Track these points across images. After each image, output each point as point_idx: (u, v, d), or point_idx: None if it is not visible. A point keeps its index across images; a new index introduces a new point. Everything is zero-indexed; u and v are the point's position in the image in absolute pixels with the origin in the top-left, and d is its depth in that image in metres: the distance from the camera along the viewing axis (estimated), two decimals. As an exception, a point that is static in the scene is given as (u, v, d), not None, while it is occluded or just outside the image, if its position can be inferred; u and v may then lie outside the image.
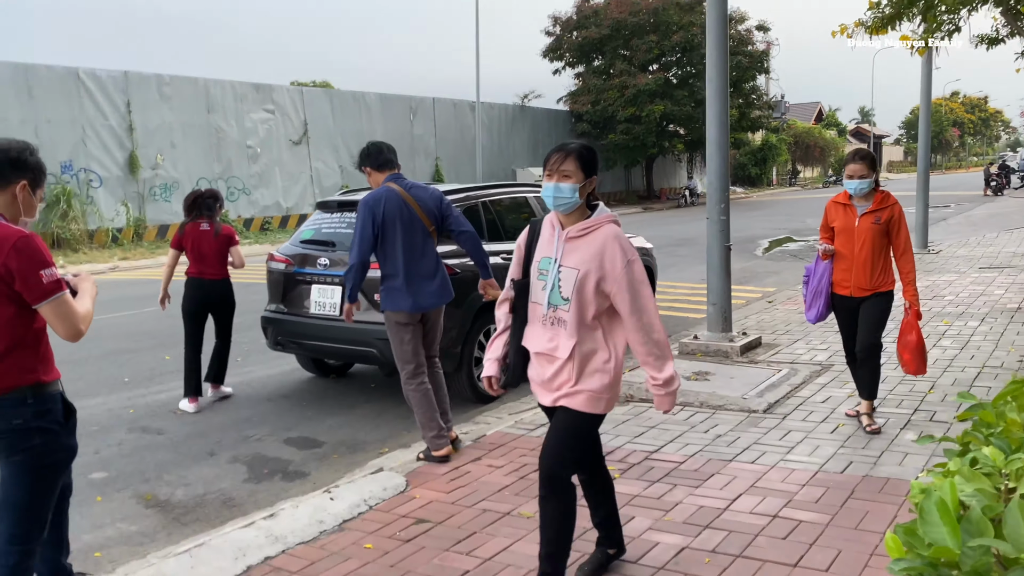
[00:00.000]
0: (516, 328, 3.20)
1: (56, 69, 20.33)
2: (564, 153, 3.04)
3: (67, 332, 2.80)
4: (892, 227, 4.88)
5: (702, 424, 5.23)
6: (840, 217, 5.00)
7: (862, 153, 4.96)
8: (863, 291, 4.93)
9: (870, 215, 4.88)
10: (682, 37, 34.45)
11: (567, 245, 3.04)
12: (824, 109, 71.51)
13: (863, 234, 4.88)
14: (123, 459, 5.51)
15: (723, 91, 6.97)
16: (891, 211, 4.89)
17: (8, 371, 2.77)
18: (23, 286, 2.73)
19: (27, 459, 2.81)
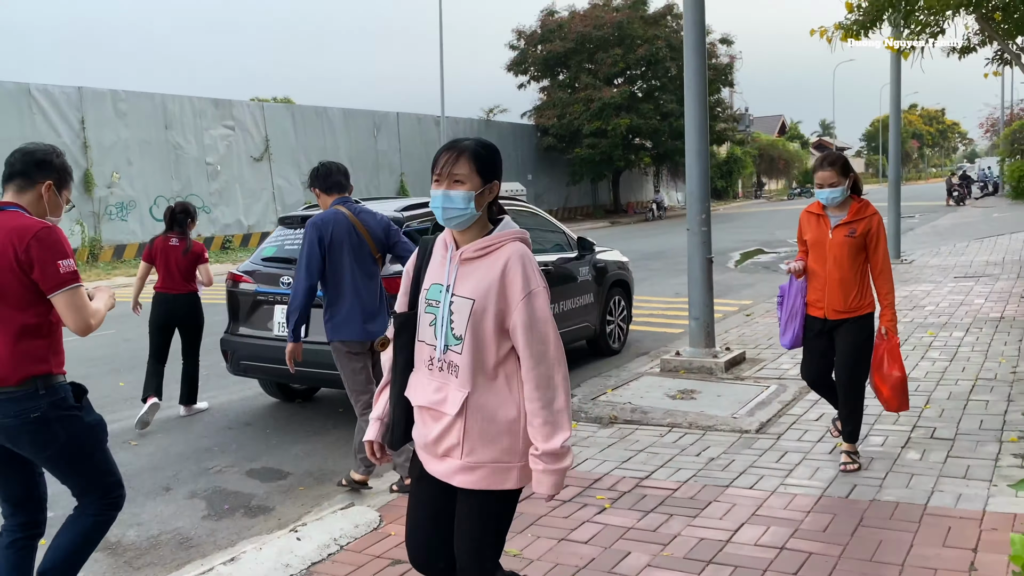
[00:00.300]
0: (397, 374, 2.48)
1: (6, 85, 19.69)
2: (455, 152, 2.35)
3: (77, 324, 2.86)
4: (869, 241, 4.31)
5: (693, 446, 4.95)
6: (812, 229, 4.46)
7: (830, 158, 4.39)
8: (838, 313, 4.37)
9: (844, 227, 4.32)
10: (647, 51, 34.56)
11: (461, 268, 2.34)
12: (787, 122, 72.44)
13: (836, 248, 4.32)
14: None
15: (702, 96, 6.76)
16: (868, 223, 4.31)
17: (21, 360, 2.81)
18: (40, 274, 2.80)
19: (58, 453, 2.91)
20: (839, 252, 4.32)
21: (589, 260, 7.99)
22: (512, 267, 2.27)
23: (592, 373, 7.69)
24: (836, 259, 4.32)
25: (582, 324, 7.84)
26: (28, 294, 2.83)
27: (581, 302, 7.79)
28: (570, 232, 8.08)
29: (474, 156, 2.35)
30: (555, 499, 4.18)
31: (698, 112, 6.78)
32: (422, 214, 6.32)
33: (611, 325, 8.42)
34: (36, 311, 2.86)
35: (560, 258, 7.59)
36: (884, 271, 4.34)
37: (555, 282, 7.33)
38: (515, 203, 7.60)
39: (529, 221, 7.57)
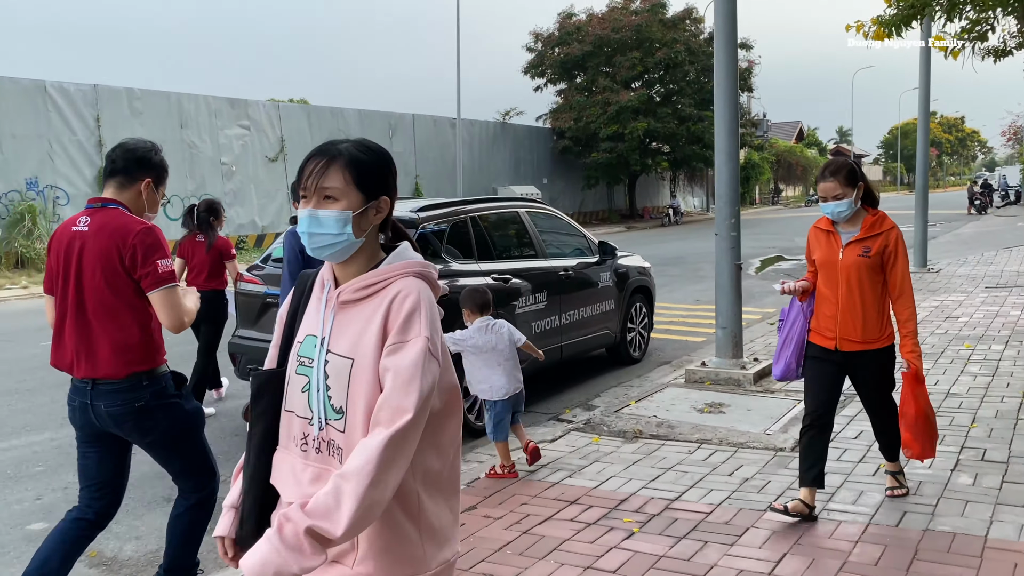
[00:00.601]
0: (252, 452, 1.83)
1: (22, 82, 19.57)
2: (324, 159, 1.75)
3: (172, 321, 2.97)
4: (887, 259, 3.72)
5: (724, 465, 4.64)
6: (821, 247, 3.86)
7: (833, 166, 3.77)
8: (853, 344, 3.77)
9: (857, 245, 3.74)
10: (665, 54, 34.21)
11: (339, 315, 1.72)
12: (805, 128, 71.87)
13: (849, 270, 3.73)
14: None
15: (733, 95, 6.46)
16: (885, 239, 3.71)
17: (126, 357, 2.95)
18: (141, 273, 2.92)
19: (160, 438, 3.05)
20: (852, 274, 3.74)
21: (610, 265, 7.70)
22: (396, 309, 1.64)
23: (612, 383, 7.40)
24: (849, 282, 3.75)
25: (602, 331, 7.55)
26: (131, 293, 2.96)
27: (601, 308, 7.50)
28: (591, 236, 7.80)
29: (351, 164, 1.74)
30: (579, 521, 3.90)
31: (729, 112, 6.48)
32: (440, 215, 6.06)
33: (632, 333, 8.13)
34: (139, 308, 2.98)
35: (580, 263, 7.31)
36: (904, 294, 3.73)
37: (575, 287, 7.05)
38: (533, 204, 7.32)
39: (547, 224, 7.30)
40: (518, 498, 4.29)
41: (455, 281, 5.80)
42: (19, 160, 19.14)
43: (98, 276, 2.93)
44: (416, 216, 5.85)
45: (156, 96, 22.36)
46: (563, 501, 4.19)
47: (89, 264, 2.94)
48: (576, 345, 7.11)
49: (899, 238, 3.79)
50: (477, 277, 5.99)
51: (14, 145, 19.10)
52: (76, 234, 2.99)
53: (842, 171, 3.74)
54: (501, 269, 6.25)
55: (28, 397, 7.29)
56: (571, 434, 5.41)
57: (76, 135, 20.44)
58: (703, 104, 35.62)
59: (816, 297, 3.90)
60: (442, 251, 5.89)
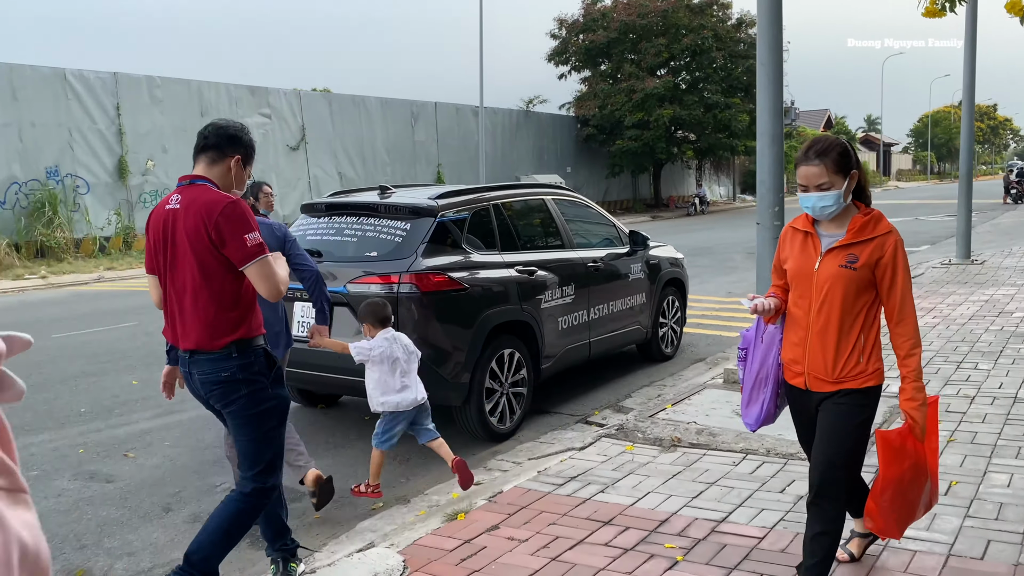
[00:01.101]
0: None
1: (42, 70, 19.39)
2: None
3: (269, 291, 3.03)
4: (881, 275, 2.78)
5: (774, 480, 4.19)
6: (795, 254, 2.93)
7: (819, 146, 2.86)
8: (822, 383, 2.86)
9: (840, 252, 2.81)
10: (692, 40, 33.50)
11: None
12: (832, 116, 70.60)
13: (825, 285, 2.81)
14: (59, 516, 4.49)
15: (776, 72, 5.96)
16: (879, 247, 2.79)
17: (220, 329, 3.02)
18: (231, 249, 2.97)
19: (239, 409, 3.09)
20: (830, 291, 2.80)
21: (641, 256, 7.25)
22: None
23: (644, 381, 6.96)
24: (825, 301, 2.82)
25: (633, 327, 7.11)
26: (221, 267, 3.01)
27: (632, 302, 7.05)
28: (621, 225, 7.34)
29: None
30: (615, 546, 3.47)
31: (772, 91, 5.98)
32: (461, 203, 5.63)
33: (664, 328, 7.67)
34: (231, 282, 3.04)
35: (609, 253, 6.86)
36: (905, 319, 2.79)
37: (604, 280, 6.60)
38: (560, 192, 6.88)
39: (575, 212, 6.85)
40: (546, 516, 3.87)
41: (477, 273, 5.38)
42: (39, 149, 18.97)
43: (188, 252, 3.02)
44: (435, 204, 5.43)
45: (176, 84, 22.12)
46: (596, 521, 3.76)
47: (181, 240, 3.03)
48: (605, 341, 6.67)
49: (898, 246, 2.81)
50: (500, 269, 5.57)
51: (34, 134, 18.93)
52: (170, 212, 3.07)
53: (830, 152, 2.81)
54: (526, 260, 5.82)
55: (31, 394, 6.98)
56: (602, 441, 4.98)
57: (96, 123, 20.24)
58: (730, 91, 34.87)
59: (786, 318, 2.98)
60: (462, 241, 5.47)
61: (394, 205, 5.47)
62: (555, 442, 5.21)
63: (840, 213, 2.85)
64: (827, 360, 2.83)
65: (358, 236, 5.45)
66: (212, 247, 2.98)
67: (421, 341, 5.03)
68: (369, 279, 5.12)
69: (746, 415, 3.15)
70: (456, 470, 4.30)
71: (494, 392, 5.50)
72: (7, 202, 18.45)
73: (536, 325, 5.78)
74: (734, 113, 33.85)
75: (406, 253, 5.19)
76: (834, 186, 2.80)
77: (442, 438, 4.48)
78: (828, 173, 2.79)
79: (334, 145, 26.12)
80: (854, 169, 2.84)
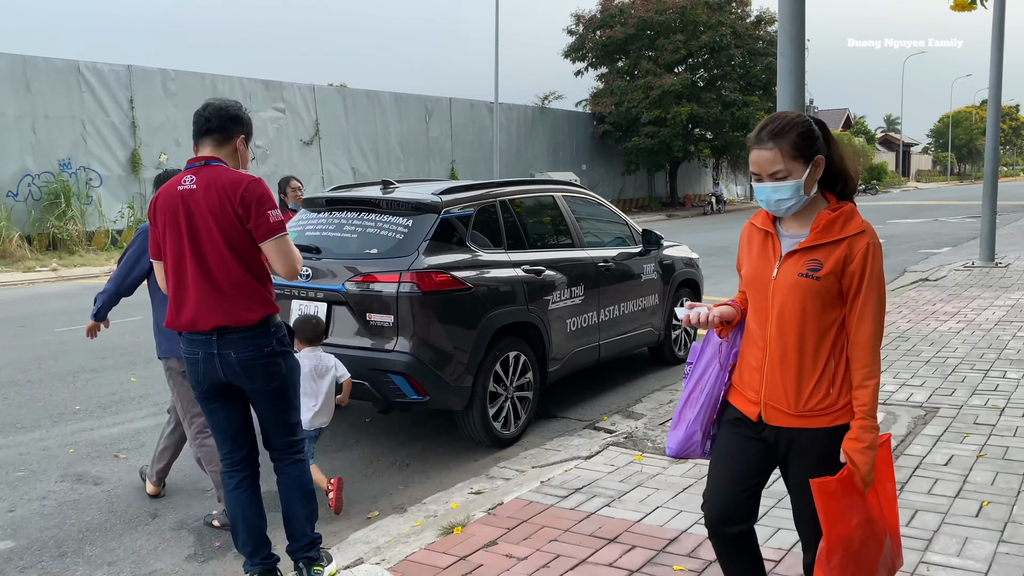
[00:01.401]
0: None
1: (55, 62, 19.33)
2: None
3: (287, 269, 3.10)
4: (848, 285, 2.27)
5: (791, 495, 3.95)
6: (753, 256, 2.44)
7: (774, 126, 2.30)
8: (782, 416, 2.35)
9: (801, 257, 2.30)
10: (710, 37, 33.17)
11: None
12: (852, 116, 69.89)
13: (784, 295, 2.31)
14: (41, 521, 4.31)
15: (798, 66, 5.70)
16: (847, 250, 2.26)
17: (258, 302, 3.08)
18: (254, 224, 3.02)
19: (281, 384, 3.18)
20: (789, 303, 2.30)
21: (655, 256, 7.00)
22: None
23: (655, 385, 6.72)
24: (784, 315, 2.32)
25: (644, 329, 6.86)
26: (249, 243, 3.06)
27: (644, 304, 6.81)
28: (634, 224, 7.10)
29: None
30: (620, 568, 3.25)
31: (794, 83, 5.72)
32: (466, 199, 5.42)
33: (677, 331, 7.43)
34: (256, 257, 3.09)
35: (621, 253, 6.62)
36: (864, 341, 2.25)
37: (615, 280, 6.37)
38: (570, 188, 6.64)
39: (586, 210, 6.62)
40: (547, 532, 3.64)
41: (481, 272, 5.17)
42: (52, 141, 18.93)
43: (214, 230, 3.01)
44: (439, 200, 5.22)
45: (190, 77, 22.03)
46: (600, 538, 3.54)
47: (203, 219, 3.02)
48: (616, 344, 6.44)
49: (871, 251, 2.25)
50: (506, 268, 5.35)
51: (48, 126, 18.89)
52: (183, 193, 3.04)
53: (788, 133, 2.27)
54: (533, 260, 5.59)
55: (27, 390, 6.83)
56: (609, 449, 4.75)
57: (110, 116, 20.18)
58: (748, 89, 34.50)
59: (744, 334, 2.49)
60: (467, 239, 5.25)
61: (396, 200, 5.26)
62: (561, 449, 4.99)
63: (805, 209, 2.33)
64: (788, 389, 2.32)
65: (358, 232, 5.25)
66: (238, 222, 3.02)
67: (422, 343, 4.83)
68: (368, 277, 4.91)
69: (669, 438, 2.64)
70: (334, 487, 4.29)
71: (498, 396, 5.28)
72: (20, 194, 18.41)
73: (543, 327, 5.56)
74: (752, 111, 33.45)
75: (408, 251, 4.98)
76: (792, 175, 2.27)
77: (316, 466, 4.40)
78: (784, 158, 2.26)
79: (348, 140, 25.99)
80: (819, 154, 2.30)
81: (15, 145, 18.28)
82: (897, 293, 10.64)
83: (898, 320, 8.47)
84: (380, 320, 4.87)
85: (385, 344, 4.85)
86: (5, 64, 18.22)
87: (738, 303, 2.54)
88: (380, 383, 4.84)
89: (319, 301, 5.09)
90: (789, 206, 2.31)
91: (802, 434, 2.33)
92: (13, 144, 18.23)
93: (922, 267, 13.60)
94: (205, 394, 3.22)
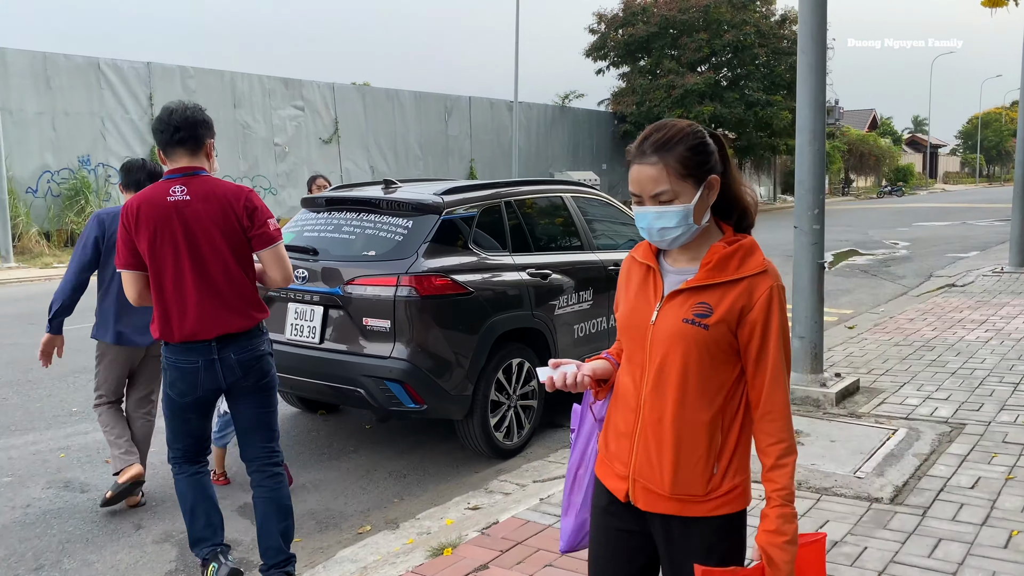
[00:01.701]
0: None
1: (75, 59, 19.38)
2: None
3: (283, 275, 3.20)
4: (746, 337, 1.83)
5: (805, 519, 3.70)
6: (631, 295, 1.97)
7: (658, 136, 1.84)
8: (655, 497, 1.88)
9: (686, 299, 1.86)
10: (734, 36, 32.76)
11: None
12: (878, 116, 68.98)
13: (664, 347, 1.86)
14: (22, 531, 4.16)
15: (819, 61, 5.45)
16: (745, 294, 1.82)
17: (253, 308, 3.17)
18: (256, 232, 3.11)
19: (270, 382, 3.28)
20: (672, 355, 1.84)
21: (669, 260, 6.74)
22: None
23: (668, 394, 6.47)
24: (663, 374, 1.86)
25: (658, 335, 6.61)
26: (247, 250, 3.14)
27: (658, 309, 6.56)
28: (648, 226, 6.84)
29: None
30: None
31: (814, 80, 5.47)
32: (470, 199, 5.21)
33: (692, 337, 7.16)
34: (251, 264, 3.18)
35: (635, 256, 6.37)
36: (775, 409, 1.82)
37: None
38: (580, 189, 6.41)
39: (596, 211, 6.39)
40: (542, 556, 3.42)
41: (483, 276, 4.96)
42: (72, 138, 18.98)
43: (219, 239, 3.05)
44: (441, 200, 5.01)
45: (210, 75, 22.03)
46: (598, 564, 3.31)
47: (203, 229, 3.03)
48: (626, 351, 6.19)
49: (774, 296, 1.82)
50: (510, 271, 5.14)
51: (67, 123, 18.94)
52: (177, 204, 3.03)
53: (675, 146, 1.81)
54: (539, 263, 5.38)
55: (27, 390, 6.72)
56: (615, 464, 4.52)
57: (129, 113, 20.22)
58: (772, 89, 34.05)
59: (614, 391, 2.00)
60: (469, 241, 5.04)
61: (397, 201, 5.07)
62: (564, 462, 4.77)
63: (696, 240, 1.87)
64: (663, 465, 1.84)
65: (357, 233, 5.06)
66: (241, 231, 3.08)
67: (420, 349, 4.63)
68: (365, 280, 4.71)
69: (561, 527, 2.17)
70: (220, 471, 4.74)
71: (500, 405, 5.07)
72: (39, 190, 18.48)
73: (548, 333, 5.34)
74: (776, 111, 33.02)
75: (406, 253, 4.78)
76: (679, 197, 1.81)
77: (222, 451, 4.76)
78: (670, 177, 1.80)
79: (367, 139, 25.90)
80: (714, 173, 1.84)
81: (35, 141, 18.34)
82: (923, 299, 10.30)
83: (923, 328, 8.16)
84: (377, 325, 4.68)
85: (381, 350, 4.66)
86: (26, 61, 18.29)
87: (614, 356, 2.07)
88: (376, 391, 4.65)
89: (315, 304, 4.91)
90: (675, 236, 1.83)
91: (677, 523, 1.85)
92: (33, 140, 18.29)
93: (948, 272, 13.22)
94: (191, 405, 3.22)
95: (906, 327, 8.23)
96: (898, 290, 11.77)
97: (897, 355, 6.96)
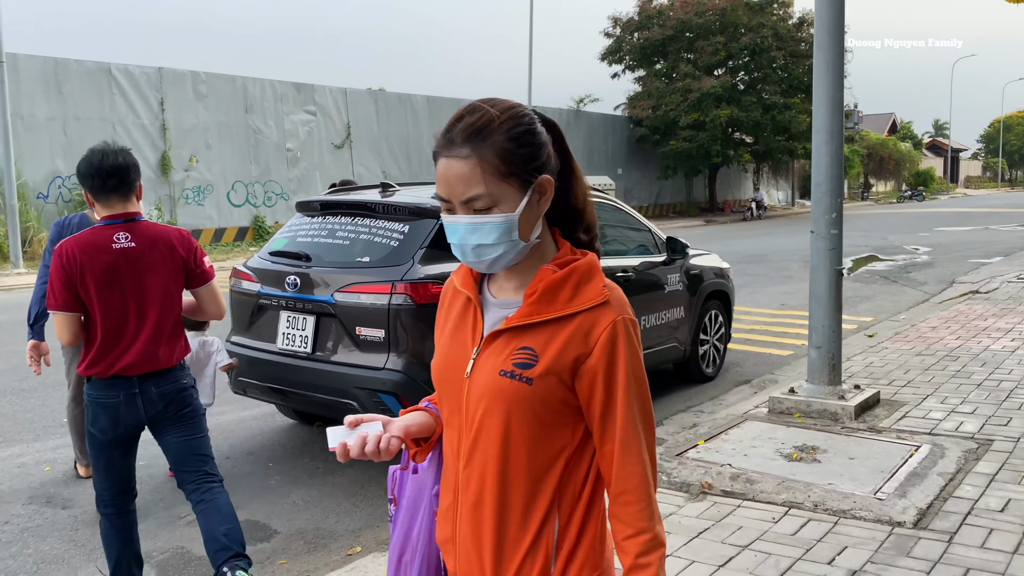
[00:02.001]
0: None
1: (87, 64, 19.38)
2: None
3: (219, 310, 3.38)
4: (586, 392, 1.37)
5: (822, 545, 3.44)
6: (446, 335, 1.51)
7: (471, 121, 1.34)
8: None
9: (508, 341, 1.39)
10: (751, 39, 32.42)
11: None
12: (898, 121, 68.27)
13: (485, 402, 1.39)
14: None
15: (837, 60, 5.19)
16: (580, 335, 1.36)
17: (178, 346, 3.25)
18: (197, 271, 3.26)
19: (194, 411, 3.31)
20: (490, 417, 1.39)
21: (680, 265, 6.51)
22: None
23: (679, 406, 6.23)
24: (481, 437, 1.41)
25: (669, 344, 6.38)
26: (182, 289, 3.26)
27: (668, 317, 6.32)
28: (658, 231, 6.62)
29: None
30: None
31: (831, 80, 5.20)
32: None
33: (705, 346, 6.92)
34: (181, 304, 3.28)
35: (644, 262, 6.15)
36: (638, 483, 1.37)
37: (637, 291, 5.89)
38: (595, 195, 6.17)
39: (605, 216, 6.15)
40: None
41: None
42: (83, 143, 18.82)
43: (167, 282, 3.15)
44: (437, 204, 4.79)
45: (221, 80, 21.98)
46: (596, 595, 3.07)
47: (154, 275, 3.11)
48: (635, 361, 5.95)
49: (619, 335, 1.37)
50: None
51: (78, 128, 18.92)
52: (123, 251, 3.07)
53: (492, 134, 1.34)
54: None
55: (20, 399, 6.56)
56: (620, 482, 4.27)
57: (140, 118, 20.19)
58: (789, 92, 33.67)
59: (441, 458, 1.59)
60: (469, 247, 4.82)
61: (393, 205, 4.86)
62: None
63: (526, 260, 1.42)
64: (483, 556, 1.43)
65: (352, 238, 4.85)
66: (186, 272, 3.21)
67: (415, 360, 4.41)
68: (358, 288, 4.50)
69: None
70: None
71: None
72: (50, 196, 18.48)
73: (552, 342, 5.10)
74: (794, 115, 32.62)
75: (402, 259, 4.56)
76: (498, 205, 1.34)
77: None
78: (486, 177, 1.33)
79: (379, 143, 25.79)
80: (546, 172, 1.39)
81: (46, 147, 18.33)
82: (945, 306, 9.98)
83: (946, 336, 7.86)
84: (370, 334, 4.47)
85: (375, 361, 4.45)
86: (37, 66, 18.30)
87: (436, 404, 1.60)
88: (369, 404, 4.43)
89: (307, 313, 4.70)
90: (495, 256, 1.37)
91: None
92: (44, 146, 18.29)
93: (972, 278, 12.86)
94: (113, 441, 3.18)
95: (928, 336, 7.93)
96: (920, 297, 11.44)
97: (919, 365, 6.66)
